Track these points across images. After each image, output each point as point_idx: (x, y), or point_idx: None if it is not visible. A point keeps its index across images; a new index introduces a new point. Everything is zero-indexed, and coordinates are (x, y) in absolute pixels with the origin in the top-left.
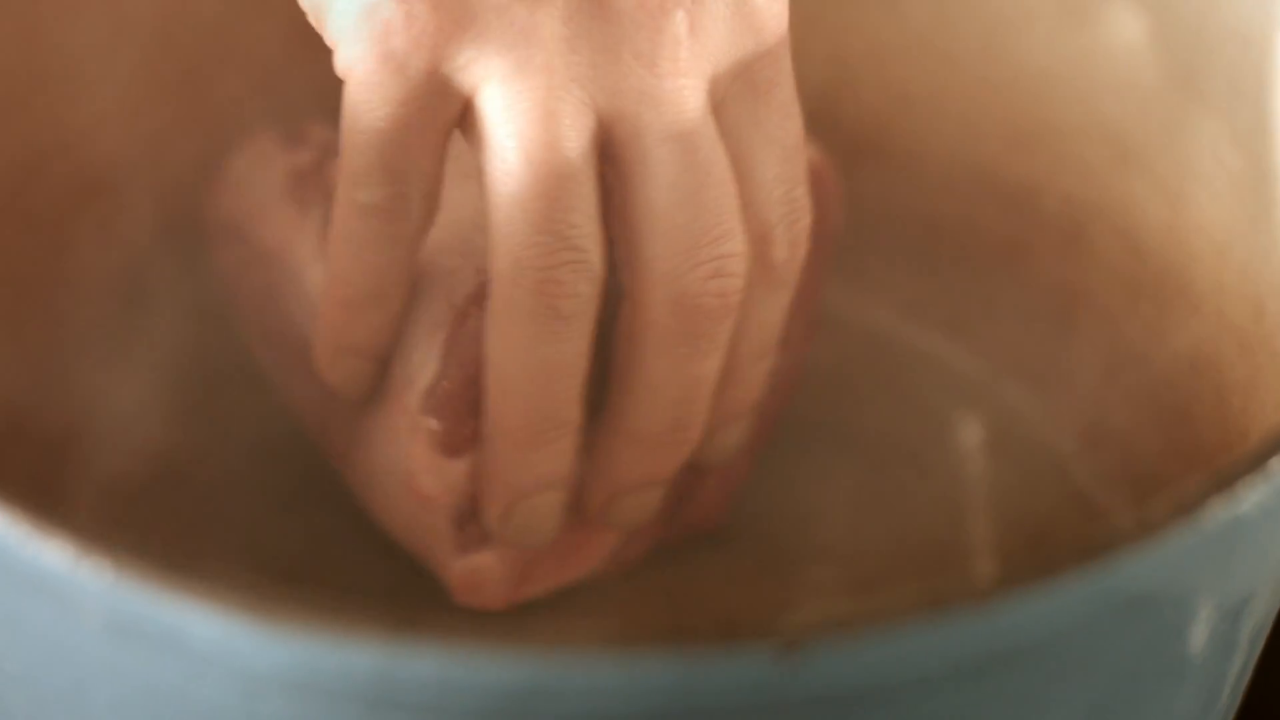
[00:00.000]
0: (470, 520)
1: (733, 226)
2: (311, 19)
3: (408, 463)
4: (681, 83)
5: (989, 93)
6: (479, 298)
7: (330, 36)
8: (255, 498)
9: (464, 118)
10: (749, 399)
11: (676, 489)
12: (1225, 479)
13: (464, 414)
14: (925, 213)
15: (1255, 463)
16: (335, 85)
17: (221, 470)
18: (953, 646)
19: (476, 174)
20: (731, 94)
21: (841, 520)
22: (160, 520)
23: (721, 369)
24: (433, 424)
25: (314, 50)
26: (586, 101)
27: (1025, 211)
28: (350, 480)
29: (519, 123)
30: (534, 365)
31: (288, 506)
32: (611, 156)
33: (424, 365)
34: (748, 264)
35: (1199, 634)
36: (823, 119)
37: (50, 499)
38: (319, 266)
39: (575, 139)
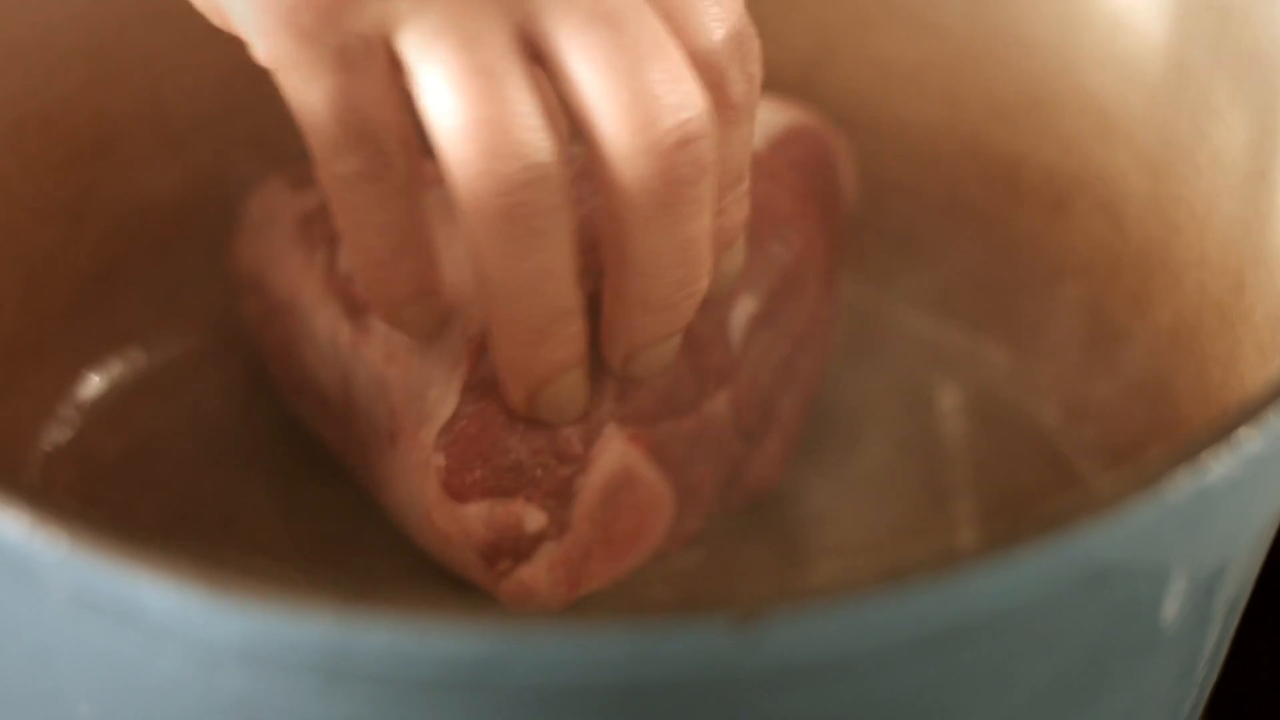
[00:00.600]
0: (501, 557)
1: (688, 88)
2: (216, 20)
3: (424, 499)
4: None
5: (971, 64)
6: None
7: (240, 32)
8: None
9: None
10: (738, 223)
11: (731, 462)
12: (1191, 449)
13: (471, 459)
14: (906, 185)
15: (1222, 433)
16: None
17: (202, 442)
18: (912, 619)
19: None
20: None
21: (820, 493)
22: (141, 493)
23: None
24: (440, 460)
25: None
26: (500, 13)
27: (1007, 183)
28: (390, 516)
29: (439, 55)
30: (523, 277)
31: (285, 481)
32: (543, 57)
33: (441, 401)
34: (710, 117)
35: (1171, 606)
36: (804, 90)
37: (14, 470)
38: (325, 310)
39: (499, 56)
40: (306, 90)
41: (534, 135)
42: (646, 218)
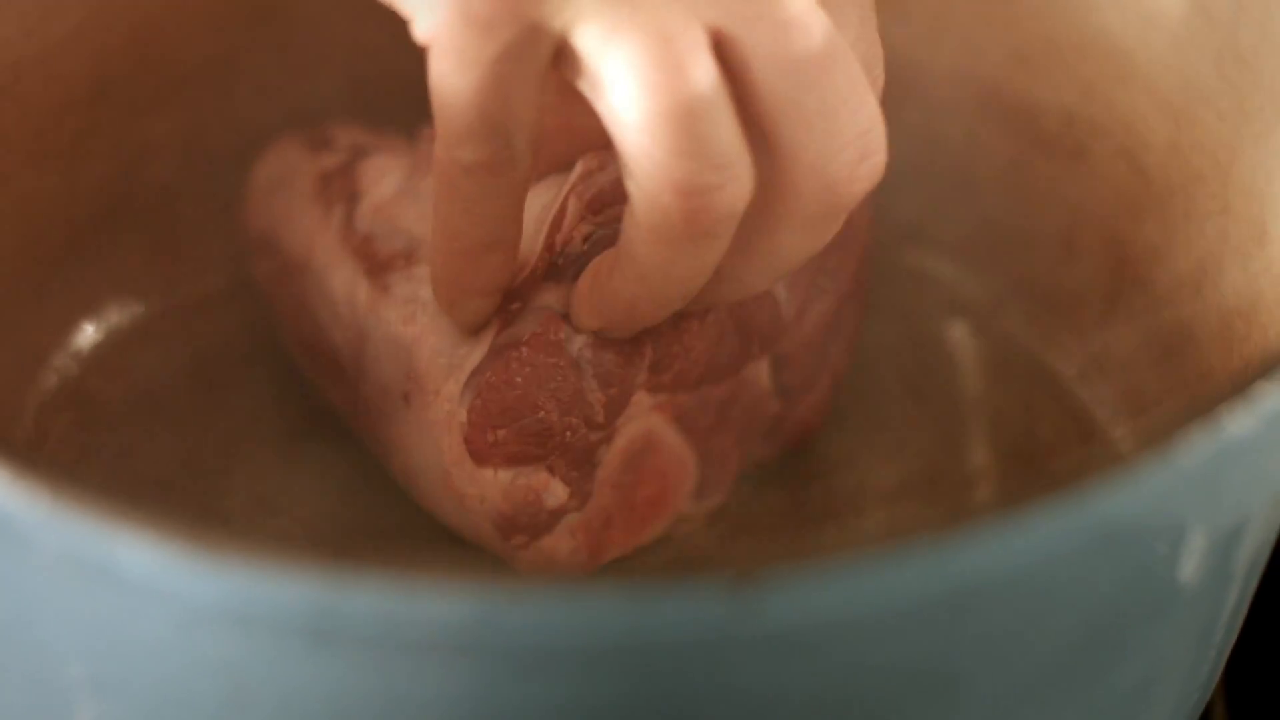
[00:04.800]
0: (516, 531)
1: (868, 100)
2: None
3: (443, 458)
4: None
5: (991, 8)
6: (521, 292)
7: (404, 7)
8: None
9: (560, 58)
10: None
11: (766, 420)
12: (1208, 406)
13: (497, 414)
14: (925, 131)
15: (1240, 389)
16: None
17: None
18: (916, 583)
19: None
20: None
21: (837, 445)
22: (138, 443)
23: None
24: (462, 415)
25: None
26: (690, 10)
27: (1027, 130)
28: (398, 480)
29: (628, 48)
30: (679, 274)
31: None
32: (728, 62)
33: (470, 355)
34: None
35: (1189, 565)
36: None
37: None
38: (342, 268)
39: (696, 59)
40: (459, 75)
41: (724, 136)
42: (805, 224)
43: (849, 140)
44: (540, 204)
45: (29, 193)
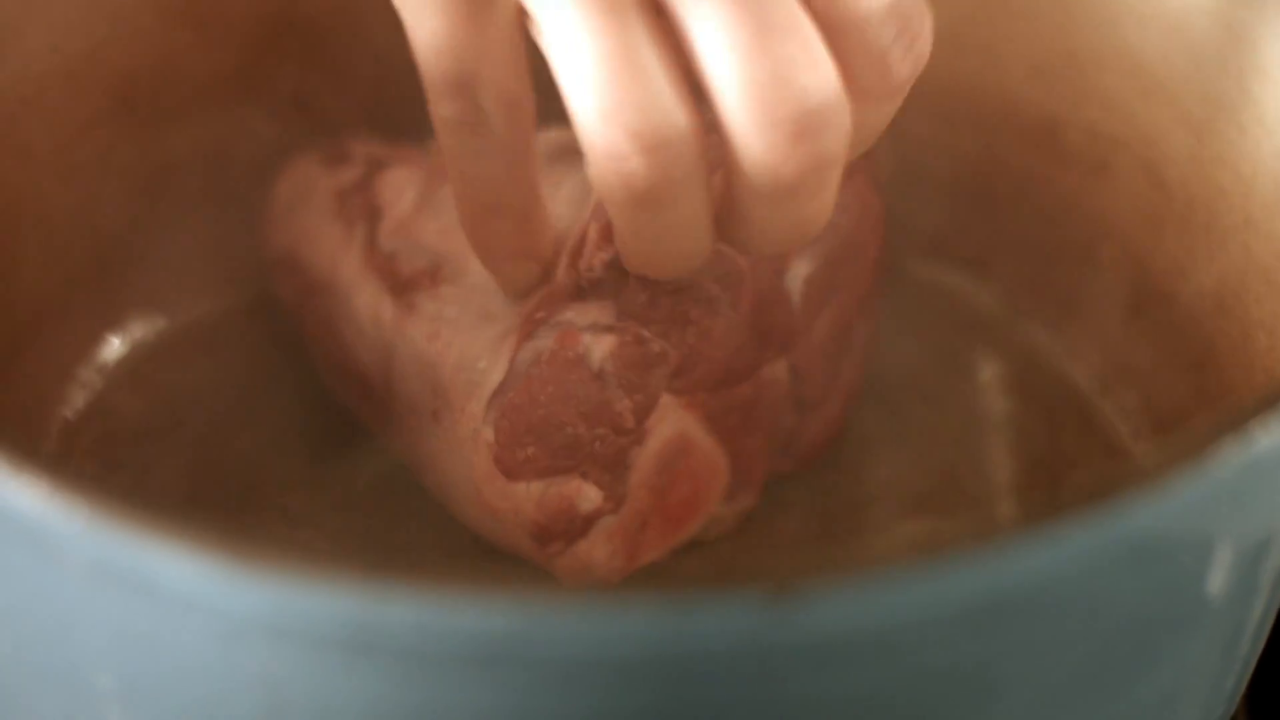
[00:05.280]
0: (553, 539)
1: (817, 75)
2: None
3: (473, 473)
4: None
5: (1011, 22)
6: (546, 303)
7: None
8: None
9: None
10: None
11: (785, 430)
12: (1237, 419)
13: (522, 434)
14: (945, 145)
15: (1269, 401)
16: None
17: (224, 407)
18: (952, 593)
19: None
20: None
21: (858, 459)
22: (162, 458)
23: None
24: (489, 434)
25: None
26: None
27: (1047, 144)
28: (434, 496)
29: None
30: (653, 234)
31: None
32: (667, 10)
33: (490, 372)
34: (841, 105)
35: (1216, 578)
36: None
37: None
38: (366, 288)
39: (628, 6)
40: (419, 26)
41: (663, 100)
42: (760, 195)
43: (789, 75)
44: (566, 198)
45: (53, 207)
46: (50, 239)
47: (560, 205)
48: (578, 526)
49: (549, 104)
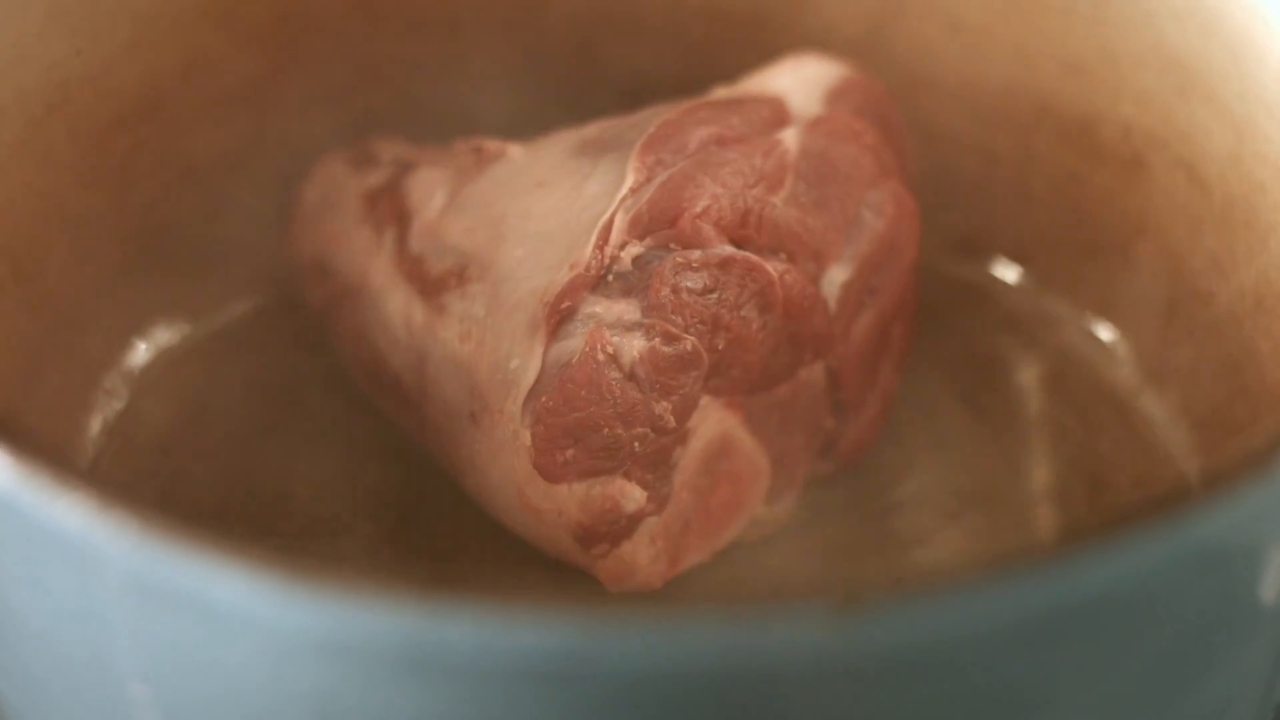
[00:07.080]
0: (597, 541)
1: None
2: None
3: (515, 475)
4: None
5: (1045, 18)
6: (570, 292)
7: None
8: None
9: None
10: None
11: (823, 433)
12: None
13: (560, 437)
14: (980, 144)
15: None
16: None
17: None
18: (1020, 605)
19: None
20: None
21: (896, 461)
22: (190, 465)
23: None
24: (527, 439)
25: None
26: None
27: (1084, 142)
28: (473, 499)
29: None
30: None
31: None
32: None
33: (523, 370)
34: None
35: (1271, 585)
36: (870, 48)
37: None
38: (397, 292)
39: None
40: None
41: None
42: None
43: None
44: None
45: (79, 212)
46: (76, 244)
47: (589, 196)
48: (622, 527)
49: (547, 110)
